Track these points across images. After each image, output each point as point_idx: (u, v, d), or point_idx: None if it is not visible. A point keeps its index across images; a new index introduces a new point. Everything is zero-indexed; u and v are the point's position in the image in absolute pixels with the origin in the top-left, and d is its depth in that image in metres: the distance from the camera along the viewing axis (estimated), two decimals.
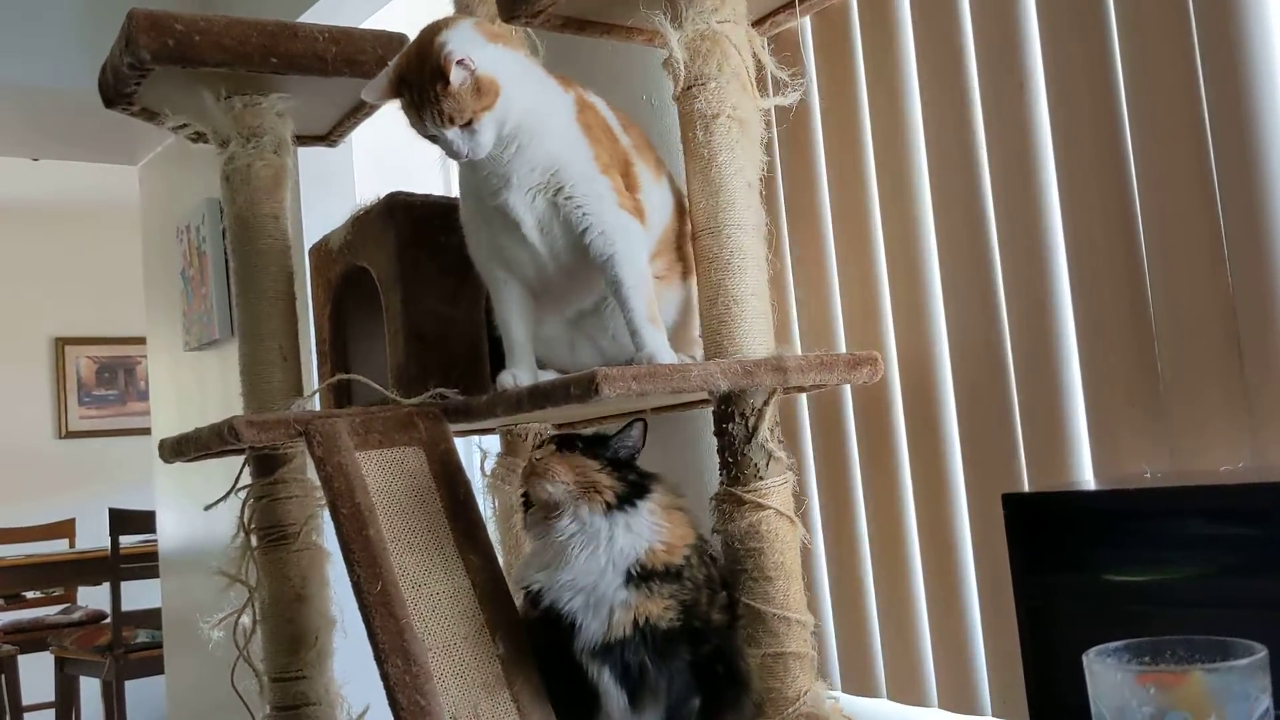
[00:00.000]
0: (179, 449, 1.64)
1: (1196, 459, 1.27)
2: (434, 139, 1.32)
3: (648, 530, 1.28)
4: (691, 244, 1.45)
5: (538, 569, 1.31)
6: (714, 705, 1.31)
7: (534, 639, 1.32)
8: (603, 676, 1.27)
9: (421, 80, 1.29)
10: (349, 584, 1.28)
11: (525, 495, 1.35)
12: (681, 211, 1.49)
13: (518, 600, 1.35)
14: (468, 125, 1.29)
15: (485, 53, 1.29)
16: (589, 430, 1.41)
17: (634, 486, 1.30)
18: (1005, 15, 1.44)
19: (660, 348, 1.34)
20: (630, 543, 1.27)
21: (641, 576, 1.26)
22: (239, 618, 1.68)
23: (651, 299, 1.37)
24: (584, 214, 1.35)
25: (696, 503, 1.41)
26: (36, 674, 4.76)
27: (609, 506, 1.28)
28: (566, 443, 1.33)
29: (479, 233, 1.47)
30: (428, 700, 1.21)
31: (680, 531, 1.31)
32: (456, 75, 1.27)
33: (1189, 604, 1.01)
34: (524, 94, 1.33)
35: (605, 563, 1.26)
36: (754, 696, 1.34)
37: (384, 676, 1.22)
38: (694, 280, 1.48)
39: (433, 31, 1.32)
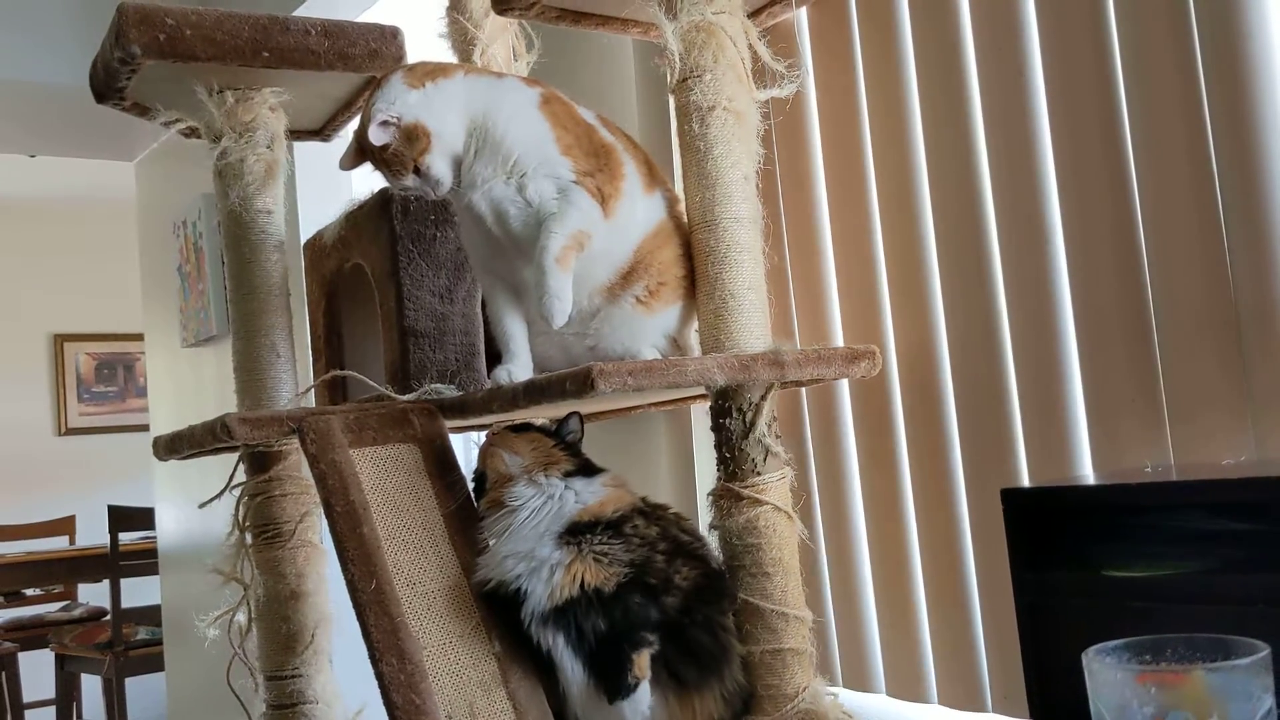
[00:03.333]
0: (173, 446, 1.63)
1: (1197, 453, 1.26)
2: (406, 188, 1.44)
3: (590, 496, 1.31)
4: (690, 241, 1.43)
5: (486, 556, 1.33)
6: (687, 666, 1.26)
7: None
8: (556, 644, 1.25)
9: (367, 145, 1.40)
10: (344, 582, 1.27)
11: (477, 480, 1.38)
12: (676, 236, 1.45)
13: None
14: (417, 171, 1.39)
15: (408, 101, 1.38)
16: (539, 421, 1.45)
17: (586, 464, 1.36)
18: (1003, 5, 1.43)
19: (561, 293, 1.32)
20: (573, 508, 1.30)
21: (571, 532, 1.27)
22: (234, 616, 1.67)
23: (572, 247, 1.35)
24: (538, 189, 1.36)
25: (687, 500, 1.40)
26: (37, 671, 4.76)
27: (567, 474, 1.33)
28: (521, 427, 1.40)
29: (463, 235, 1.51)
30: (423, 699, 1.20)
31: (617, 494, 1.33)
32: (379, 137, 1.37)
33: (1190, 600, 1.00)
34: (466, 112, 1.39)
35: (545, 528, 1.28)
36: (738, 674, 1.30)
37: (379, 675, 1.21)
38: (685, 311, 1.45)
39: (368, 96, 1.43)
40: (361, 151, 1.43)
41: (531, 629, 1.26)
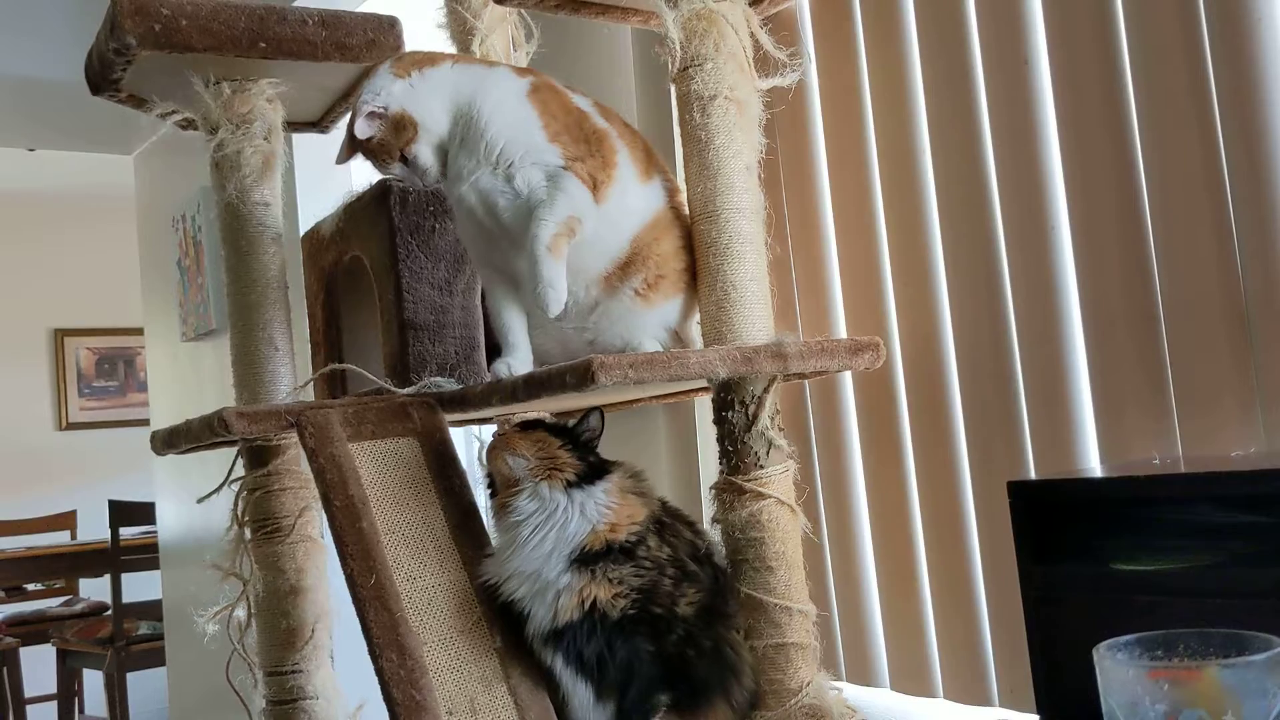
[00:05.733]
0: (170, 441, 1.62)
1: (1206, 444, 1.25)
2: (395, 177, 1.45)
3: (596, 513, 1.26)
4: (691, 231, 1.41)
5: (493, 562, 1.30)
6: (694, 696, 1.25)
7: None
8: (556, 663, 1.24)
9: (356, 138, 1.41)
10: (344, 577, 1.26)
11: (490, 477, 1.34)
12: (676, 227, 1.43)
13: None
14: (404, 160, 1.40)
15: (393, 91, 1.39)
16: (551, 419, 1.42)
17: (593, 467, 1.30)
18: None
19: (555, 281, 1.30)
20: (580, 527, 1.25)
21: (583, 560, 1.24)
22: (233, 611, 1.66)
23: (563, 234, 1.33)
24: (527, 178, 1.35)
25: (690, 494, 1.38)
26: (38, 666, 4.76)
27: (569, 484, 1.27)
28: (530, 424, 1.35)
29: (459, 228, 1.50)
30: (423, 695, 1.19)
31: (629, 511, 1.28)
32: (365, 130, 1.39)
33: (1199, 594, 0.99)
34: (452, 101, 1.40)
35: (552, 548, 1.24)
36: (747, 683, 1.29)
37: (379, 671, 1.20)
38: (686, 303, 1.43)
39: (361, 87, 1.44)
40: (354, 144, 1.42)
41: (534, 646, 1.26)
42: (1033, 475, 1.41)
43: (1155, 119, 1.28)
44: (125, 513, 4.28)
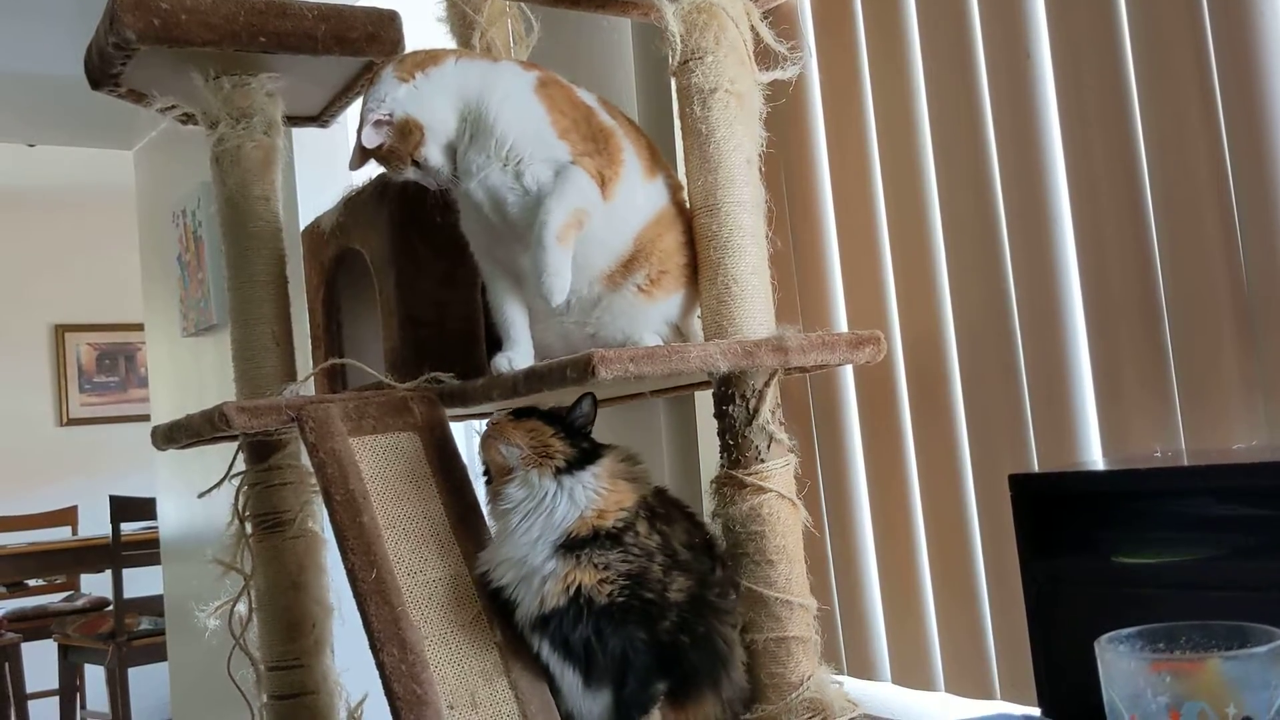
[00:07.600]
0: (171, 436, 1.62)
1: (1208, 437, 1.25)
2: (409, 180, 1.45)
3: (585, 499, 1.25)
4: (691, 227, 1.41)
5: (486, 550, 1.30)
6: (684, 684, 1.25)
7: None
8: (543, 649, 1.25)
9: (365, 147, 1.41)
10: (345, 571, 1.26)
11: (485, 466, 1.34)
12: (678, 223, 1.42)
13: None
14: (416, 164, 1.40)
15: (397, 96, 1.39)
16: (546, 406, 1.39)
17: (585, 453, 1.28)
18: None
19: (561, 270, 1.29)
20: (568, 513, 1.25)
21: (569, 546, 1.23)
22: (234, 606, 1.66)
23: (572, 225, 1.32)
24: (536, 175, 1.34)
25: (690, 488, 1.38)
26: (40, 662, 4.76)
27: (558, 470, 1.26)
28: (523, 412, 1.34)
29: (464, 222, 1.48)
30: (424, 689, 1.19)
31: (617, 496, 1.27)
32: (372, 138, 1.39)
33: (1201, 587, 0.99)
34: (459, 99, 1.38)
35: (539, 535, 1.24)
36: (736, 678, 1.29)
37: (379, 665, 1.20)
38: (687, 298, 1.42)
39: (366, 90, 1.44)
40: (364, 152, 1.42)
41: (524, 632, 1.26)
42: (1034, 468, 1.40)
43: (1158, 111, 1.28)
44: (126, 508, 4.28)
